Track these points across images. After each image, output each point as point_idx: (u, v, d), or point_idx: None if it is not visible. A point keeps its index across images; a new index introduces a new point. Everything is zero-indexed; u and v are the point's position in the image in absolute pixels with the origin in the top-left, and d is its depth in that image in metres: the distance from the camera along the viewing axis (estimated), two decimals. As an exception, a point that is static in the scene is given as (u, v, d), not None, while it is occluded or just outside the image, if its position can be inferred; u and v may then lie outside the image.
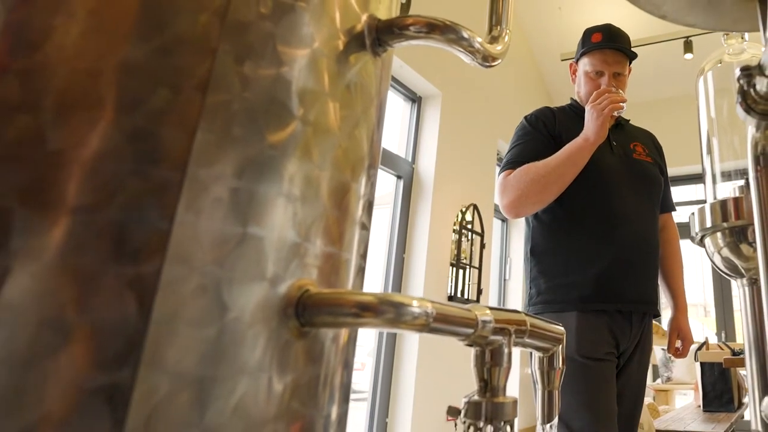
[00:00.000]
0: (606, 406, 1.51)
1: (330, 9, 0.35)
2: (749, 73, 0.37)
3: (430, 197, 4.02)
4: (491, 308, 0.37)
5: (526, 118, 1.82)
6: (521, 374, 4.80)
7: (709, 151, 0.59)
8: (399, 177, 3.99)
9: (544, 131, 1.74)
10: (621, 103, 1.61)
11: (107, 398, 0.23)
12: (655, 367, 5.45)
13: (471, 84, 4.58)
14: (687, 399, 5.38)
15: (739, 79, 0.38)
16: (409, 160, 4.11)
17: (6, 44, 0.28)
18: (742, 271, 0.50)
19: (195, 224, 0.27)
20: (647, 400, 3.49)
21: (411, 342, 3.74)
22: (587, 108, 1.65)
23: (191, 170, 0.27)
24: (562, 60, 5.49)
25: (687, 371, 5.37)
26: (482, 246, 4.51)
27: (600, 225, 1.64)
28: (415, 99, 4.25)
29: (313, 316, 0.30)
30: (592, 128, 1.60)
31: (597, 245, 1.63)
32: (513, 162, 1.68)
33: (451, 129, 4.30)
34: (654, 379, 5.47)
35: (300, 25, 0.33)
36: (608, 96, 1.61)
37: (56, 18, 0.28)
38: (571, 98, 1.91)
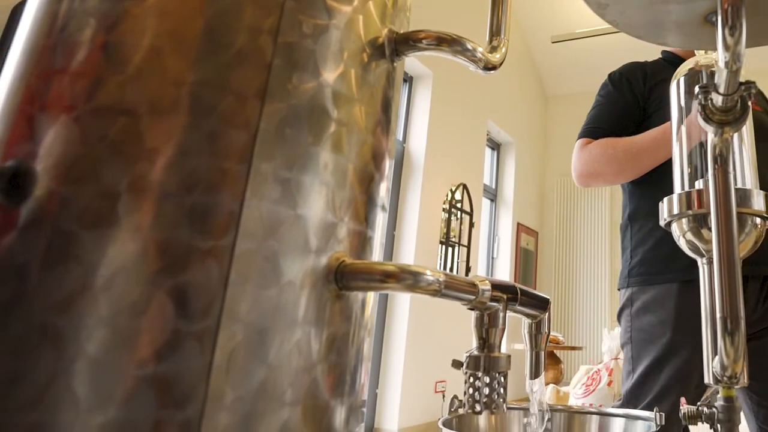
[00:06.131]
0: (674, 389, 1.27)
1: (356, 26, 0.42)
2: (706, 89, 0.45)
3: (421, 176, 4.09)
4: (490, 279, 0.45)
5: (609, 75, 1.57)
6: (508, 350, 4.92)
7: (678, 140, 0.67)
8: (390, 156, 4.06)
9: (628, 94, 1.50)
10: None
11: (199, 340, 0.31)
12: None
13: (462, 65, 4.63)
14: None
15: (697, 95, 0.45)
16: (400, 139, 4.17)
17: (105, 59, 0.34)
18: (703, 252, 0.58)
19: (259, 207, 0.34)
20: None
21: (401, 316, 3.84)
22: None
23: (255, 164, 0.34)
24: (553, 42, 5.55)
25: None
26: (471, 225, 4.61)
27: None
28: (406, 79, 4.30)
29: (349, 281, 0.37)
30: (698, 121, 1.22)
31: None
32: (590, 129, 1.50)
33: (441, 109, 4.36)
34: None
35: (334, 42, 0.40)
36: None
37: (143, 39, 0.35)
38: (663, 50, 1.62)
